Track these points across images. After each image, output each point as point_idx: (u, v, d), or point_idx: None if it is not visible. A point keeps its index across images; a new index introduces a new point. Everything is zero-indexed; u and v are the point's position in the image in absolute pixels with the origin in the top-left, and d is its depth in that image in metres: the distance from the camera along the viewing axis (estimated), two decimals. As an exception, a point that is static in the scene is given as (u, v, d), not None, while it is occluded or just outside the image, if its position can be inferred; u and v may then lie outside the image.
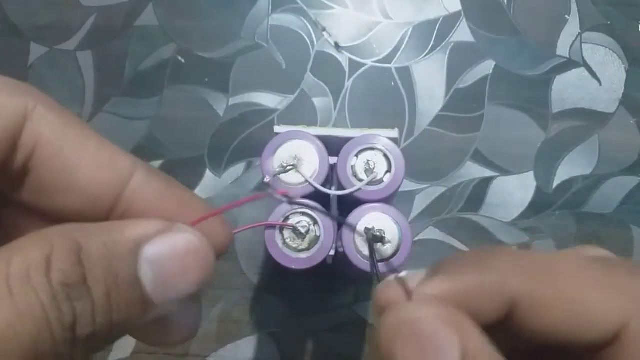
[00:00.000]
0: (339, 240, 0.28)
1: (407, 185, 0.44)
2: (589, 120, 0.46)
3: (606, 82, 0.47)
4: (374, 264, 0.24)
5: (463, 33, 0.47)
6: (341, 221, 0.23)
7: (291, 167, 0.26)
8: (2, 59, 0.46)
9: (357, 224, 0.22)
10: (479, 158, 0.45)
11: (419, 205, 0.44)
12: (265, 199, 0.26)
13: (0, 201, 0.17)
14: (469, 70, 0.47)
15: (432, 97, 0.46)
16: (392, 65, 0.47)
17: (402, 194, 0.44)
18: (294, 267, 0.26)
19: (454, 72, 0.47)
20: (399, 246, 0.26)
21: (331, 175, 0.28)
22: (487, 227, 0.44)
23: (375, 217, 0.27)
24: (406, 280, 0.16)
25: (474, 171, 0.45)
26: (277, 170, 0.26)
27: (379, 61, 0.47)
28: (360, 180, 0.26)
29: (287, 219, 0.27)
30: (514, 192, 0.45)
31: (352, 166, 0.27)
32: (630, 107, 0.46)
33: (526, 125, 0.46)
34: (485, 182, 0.45)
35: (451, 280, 0.16)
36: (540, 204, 0.45)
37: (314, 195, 0.26)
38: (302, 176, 0.26)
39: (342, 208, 0.28)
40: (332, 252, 0.27)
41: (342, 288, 0.42)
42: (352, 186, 0.26)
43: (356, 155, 0.27)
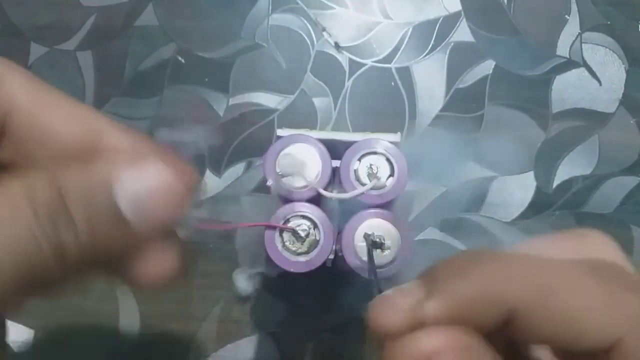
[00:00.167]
0: (338, 244, 0.28)
1: (407, 186, 0.44)
2: (589, 120, 0.46)
3: (606, 82, 0.47)
4: (372, 270, 0.24)
5: (463, 33, 0.47)
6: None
7: (293, 171, 0.26)
8: (2, 59, 0.46)
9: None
10: (479, 158, 0.45)
11: (419, 206, 0.45)
12: (264, 199, 0.26)
13: None
14: (469, 70, 0.47)
15: (432, 97, 0.46)
16: (392, 65, 0.47)
17: (402, 194, 0.44)
18: (292, 270, 0.26)
19: (454, 72, 0.47)
20: (398, 252, 0.26)
21: (333, 179, 0.28)
22: (487, 227, 0.44)
23: (375, 223, 0.27)
24: (399, 296, 0.17)
25: (474, 171, 0.45)
26: (279, 173, 0.26)
27: (379, 61, 0.47)
28: (363, 185, 0.26)
29: (287, 221, 0.27)
30: (514, 192, 0.45)
31: (354, 170, 0.27)
32: (630, 107, 0.46)
33: (526, 125, 0.46)
34: (485, 182, 0.45)
35: (451, 298, 0.16)
36: (540, 204, 0.45)
37: (316, 198, 0.26)
38: (304, 180, 0.26)
39: (344, 212, 0.28)
40: (332, 256, 0.27)
41: (342, 288, 0.43)
42: (354, 190, 0.26)
43: (359, 160, 0.27)
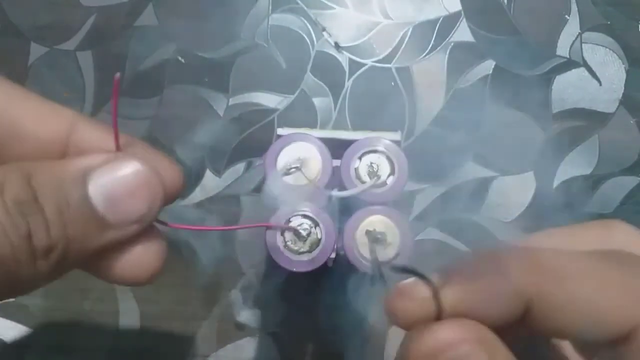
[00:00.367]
0: (340, 243, 0.28)
1: (407, 186, 0.44)
2: (589, 120, 0.46)
3: (606, 82, 0.47)
4: (376, 266, 0.25)
5: (463, 33, 0.47)
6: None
7: (294, 170, 0.26)
8: (2, 59, 0.46)
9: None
10: (479, 158, 0.45)
11: (419, 205, 0.45)
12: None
13: None
14: (469, 70, 0.47)
15: (432, 97, 0.46)
16: (392, 65, 0.47)
17: (403, 194, 0.44)
18: (295, 269, 0.26)
19: (454, 72, 0.47)
20: (400, 248, 0.26)
21: (334, 178, 0.28)
22: (487, 227, 0.44)
23: (376, 220, 0.27)
24: (424, 286, 0.17)
25: (474, 171, 0.45)
26: (280, 172, 0.26)
27: (379, 61, 0.47)
28: (364, 183, 0.26)
29: (288, 221, 0.27)
30: (514, 192, 0.45)
31: (355, 169, 0.27)
32: (630, 107, 0.46)
33: (526, 125, 0.46)
34: (486, 182, 0.45)
35: (467, 289, 0.16)
36: (540, 204, 0.45)
37: (317, 197, 0.26)
38: (305, 178, 0.26)
39: (345, 211, 0.28)
40: (333, 255, 0.28)
41: (343, 288, 0.42)
42: (355, 188, 0.26)
43: (359, 158, 0.27)
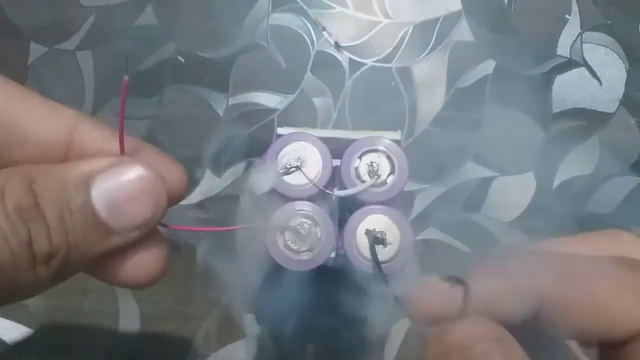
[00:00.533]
0: (340, 242, 0.28)
1: (407, 185, 0.44)
2: (590, 120, 0.46)
3: (607, 82, 0.47)
4: (377, 265, 0.25)
5: (463, 33, 0.47)
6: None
7: (294, 169, 0.26)
8: (1, 59, 0.46)
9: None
10: (479, 158, 0.45)
11: (419, 205, 0.45)
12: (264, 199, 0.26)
13: None
14: (469, 70, 0.47)
15: (432, 96, 0.46)
16: (392, 65, 0.47)
17: (403, 194, 0.44)
18: (295, 268, 0.26)
19: (454, 71, 0.47)
20: (400, 248, 0.26)
21: (334, 177, 0.27)
22: (487, 226, 0.44)
23: (376, 219, 0.27)
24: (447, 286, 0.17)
25: (474, 171, 0.45)
26: (280, 171, 0.26)
27: (379, 61, 0.47)
28: (364, 182, 0.26)
29: (288, 220, 0.27)
30: (514, 192, 0.45)
31: (355, 168, 0.27)
32: (631, 107, 0.46)
33: (526, 125, 0.46)
34: (486, 182, 0.45)
35: (484, 287, 0.16)
36: (540, 204, 0.45)
37: (317, 196, 0.26)
38: (305, 177, 0.26)
39: (345, 211, 0.28)
40: (333, 255, 0.27)
41: (343, 288, 0.42)
42: (355, 187, 0.26)
43: (359, 157, 0.27)
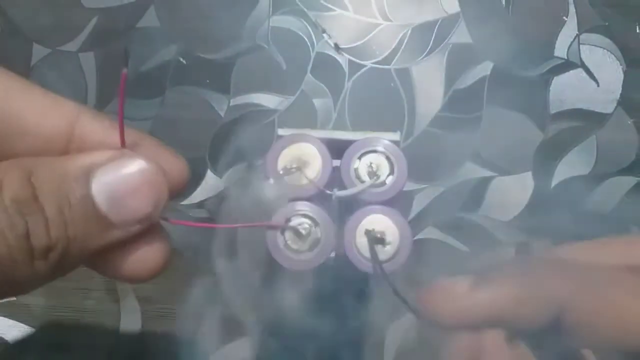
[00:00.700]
0: (339, 241, 0.28)
1: (406, 185, 0.44)
2: (587, 120, 0.46)
3: (604, 83, 0.47)
4: (377, 264, 0.25)
5: (461, 34, 0.47)
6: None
7: (295, 170, 0.26)
8: (4, 61, 0.46)
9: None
10: (478, 158, 0.46)
11: (418, 205, 0.45)
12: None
13: None
14: (467, 72, 0.47)
15: (431, 98, 0.46)
16: (391, 67, 0.47)
17: (402, 194, 0.44)
18: (295, 268, 0.27)
19: (452, 73, 0.47)
20: (399, 248, 0.26)
21: (334, 178, 0.28)
22: (486, 226, 0.45)
23: (376, 219, 0.27)
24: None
25: (472, 171, 0.45)
26: (280, 172, 0.26)
27: (378, 62, 0.47)
28: (363, 183, 0.27)
29: (288, 220, 0.27)
30: (512, 192, 0.45)
31: (355, 169, 0.27)
32: (628, 107, 0.46)
33: (524, 125, 0.46)
34: (484, 182, 0.45)
35: (501, 292, 0.17)
36: (538, 204, 0.45)
37: (317, 197, 0.26)
38: (305, 178, 0.26)
39: (344, 210, 0.28)
40: (333, 255, 0.28)
41: (343, 288, 0.43)
42: (354, 187, 0.27)
43: (359, 158, 0.27)
